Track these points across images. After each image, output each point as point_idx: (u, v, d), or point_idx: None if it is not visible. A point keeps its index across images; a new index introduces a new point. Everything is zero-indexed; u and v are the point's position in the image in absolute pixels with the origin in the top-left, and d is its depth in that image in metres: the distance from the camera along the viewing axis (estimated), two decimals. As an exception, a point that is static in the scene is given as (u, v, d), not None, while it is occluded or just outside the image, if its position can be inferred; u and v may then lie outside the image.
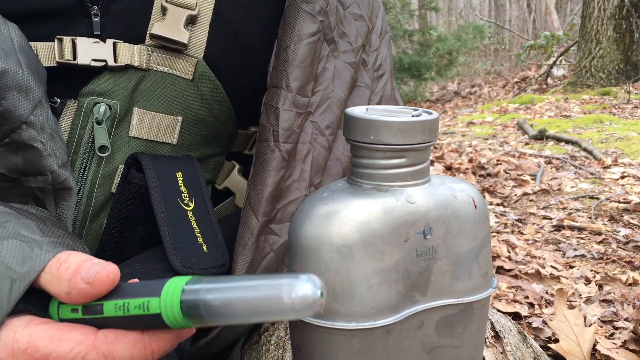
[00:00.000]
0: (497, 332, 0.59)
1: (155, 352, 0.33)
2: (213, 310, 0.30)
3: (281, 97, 0.57)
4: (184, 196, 0.57)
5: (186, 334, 0.34)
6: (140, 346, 0.32)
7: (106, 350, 0.32)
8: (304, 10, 0.58)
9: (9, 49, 0.47)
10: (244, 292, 0.29)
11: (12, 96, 0.46)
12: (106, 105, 0.56)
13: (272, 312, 0.28)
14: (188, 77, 0.59)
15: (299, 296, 0.28)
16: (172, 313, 0.31)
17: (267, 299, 0.28)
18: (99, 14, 0.56)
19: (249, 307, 0.29)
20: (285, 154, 0.58)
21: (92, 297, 0.33)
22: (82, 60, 0.55)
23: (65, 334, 0.32)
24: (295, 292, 0.28)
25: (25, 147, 0.47)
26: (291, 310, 0.28)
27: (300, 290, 0.28)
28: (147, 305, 0.31)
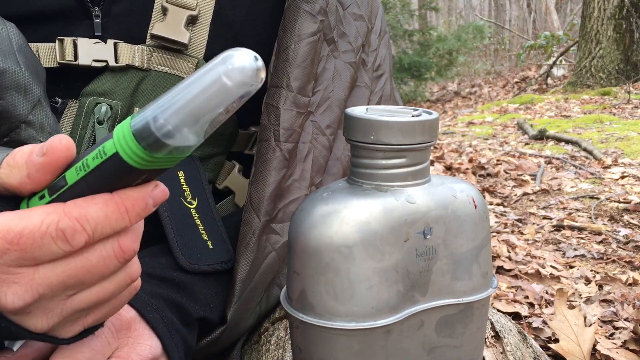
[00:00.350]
0: (497, 332, 0.59)
1: (130, 210, 0.32)
2: (164, 125, 0.28)
3: (282, 97, 0.58)
4: (186, 194, 0.57)
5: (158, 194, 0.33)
6: (112, 205, 0.32)
7: (78, 214, 0.31)
8: (304, 10, 0.58)
9: (8, 49, 0.47)
10: (185, 92, 0.28)
11: (10, 96, 0.46)
12: (107, 106, 0.56)
13: (220, 98, 0.27)
14: None
15: (237, 68, 0.27)
16: (127, 145, 0.29)
17: (208, 88, 0.27)
18: (100, 15, 0.56)
19: (197, 104, 0.27)
20: (286, 154, 0.58)
21: (52, 170, 0.32)
22: (83, 61, 0.55)
23: (34, 210, 0.32)
24: (232, 65, 0.27)
25: None
26: (237, 87, 0.27)
27: (235, 62, 0.27)
28: (103, 150, 0.30)
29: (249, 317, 0.61)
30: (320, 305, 0.39)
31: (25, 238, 0.31)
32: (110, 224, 0.32)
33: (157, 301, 0.50)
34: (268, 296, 0.63)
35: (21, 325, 0.33)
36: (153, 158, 0.29)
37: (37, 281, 0.32)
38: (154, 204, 0.33)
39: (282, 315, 0.64)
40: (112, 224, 0.32)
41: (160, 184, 0.34)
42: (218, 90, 0.27)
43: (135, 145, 0.29)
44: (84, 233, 0.31)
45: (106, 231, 0.32)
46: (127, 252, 0.34)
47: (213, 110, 0.28)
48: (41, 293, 0.32)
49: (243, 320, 0.60)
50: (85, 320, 0.37)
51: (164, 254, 0.55)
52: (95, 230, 0.32)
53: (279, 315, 0.64)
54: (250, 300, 0.59)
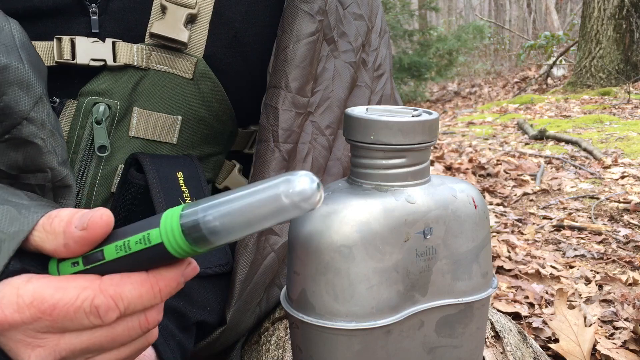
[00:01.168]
0: (497, 332, 0.59)
1: (163, 290, 0.33)
2: (214, 227, 0.29)
3: (280, 97, 0.57)
4: (185, 196, 0.57)
5: (190, 272, 0.34)
6: (147, 285, 0.32)
7: (113, 292, 0.32)
8: (302, 10, 0.58)
9: (11, 45, 0.46)
10: (241, 201, 0.29)
11: (13, 92, 0.46)
12: (105, 105, 0.56)
13: (274, 214, 0.28)
14: (188, 76, 0.59)
15: (297, 191, 0.28)
16: (174, 239, 0.30)
17: (266, 202, 0.28)
18: (97, 12, 0.56)
19: (250, 215, 0.28)
20: (285, 154, 0.58)
21: (90, 244, 0.33)
22: (81, 60, 0.55)
23: (70, 282, 0.32)
24: (292, 188, 0.28)
25: (25, 144, 0.47)
26: (293, 207, 0.28)
27: (297, 185, 0.28)
28: (147, 237, 0.31)
29: (248, 317, 0.61)
30: (320, 305, 0.39)
31: (58, 310, 0.31)
32: (142, 302, 0.33)
33: None
34: (268, 296, 0.63)
35: None
36: (195, 251, 0.31)
37: (62, 346, 0.33)
38: (184, 281, 0.34)
39: (282, 315, 0.64)
40: (144, 302, 0.33)
41: (193, 262, 0.35)
42: (274, 207, 0.28)
43: (182, 240, 0.30)
44: (116, 310, 0.32)
45: (137, 308, 0.33)
46: (152, 323, 0.35)
47: (263, 223, 0.29)
48: (63, 356, 0.33)
49: (243, 320, 0.60)
50: None
51: None
52: (127, 308, 0.33)
53: (279, 315, 0.64)
54: (250, 301, 0.59)
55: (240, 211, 0.29)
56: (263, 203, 0.28)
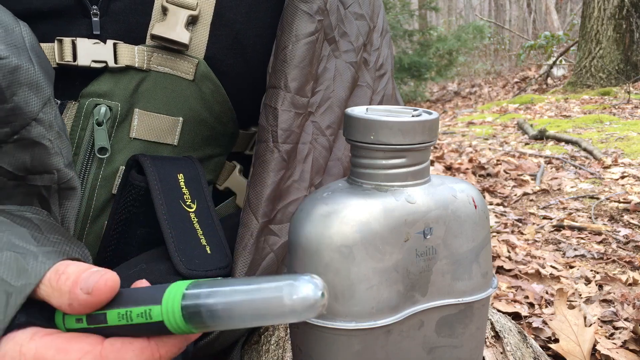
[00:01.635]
0: (497, 332, 0.59)
1: (163, 356, 0.33)
2: (215, 315, 0.29)
3: (280, 98, 0.57)
4: (185, 198, 0.57)
5: (193, 337, 0.34)
6: (147, 353, 0.32)
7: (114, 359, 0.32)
8: (301, 10, 0.58)
9: (21, 46, 0.47)
10: (244, 295, 0.29)
11: (23, 92, 0.46)
12: (107, 107, 0.56)
13: (273, 314, 0.28)
14: (189, 77, 0.59)
15: (300, 297, 0.27)
16: (174, 320, 0.31)
17: (268, 302, 0.28)
18: (99, 13, 0.56)
19: (251, 311, 0.29)
20: (285, 155, 0.58)
21: (93, 307, 0.33)
22: (82, 62, 0.55)
23: (72, 344, 0.32)
24: (296, 294, 0.27)
25: (33, 145, 0.47)
26: (292, 313, 0.28)
27: (301, 291, 0.27)
28: (149, 313, 0.31)
29: None
30: (320, 305, 0.39)
31: None
32: None
33: None
34: (268, 297, 0.63)
35: None
36: (192, 331, 0.31)
37: None
38: (186, 345, 0.34)
39: (282, 315, 0.64)
40: None
41: None
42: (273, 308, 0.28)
43: (182, 323, 0.31)
44: None
45: None
46: None
47: (259, 320, 0.29)
48: None
49: None
50: None
51: (163, 260, 0.55)
52: None
53: (279, 315, 0.64)
54: None
55: (242, 305, 0.29)
56: (264, 301, 0.28)
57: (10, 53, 0.46)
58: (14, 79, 0.45)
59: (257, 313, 0.29)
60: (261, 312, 0.28)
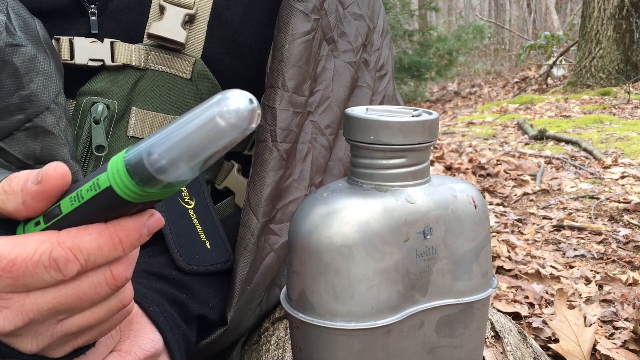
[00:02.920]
0: (497, 332, 0.59)
1: (124, 241, 0.32)
2: (157, 161, 0.28)
3: (277, 97, 0.58)
4: (183, 195, 0.57)
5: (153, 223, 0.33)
6: (105, 235, 0.32)
7: (71, 244, 0.31)
8: (297, 9, 0.58)
9: (38, 39, 0.49)
10: (180, 131, 0.28)
11: (39, 80, 0.48)
12: (104, 105, 0.56)
13: (215, 139, 0.27)
14: (186, 76, 0.59)
15: (232, 110, 0.27)
16: (120, 180, 0.29)
17: (204, 129, 0.27)
18: (96, 12, 0.56)
19: (192, 144, 0.27)
20: (284, 154, 0.58)
21: (47, 199, 0.32)
22: (79, 60, 0.55)
23: (28, 237, 0.32)
24: (226, 107, 0.27)
25: (44, 133, 0.49)
26: (230, 129, 0.27)
27: (230, 104, 0.27)
28: (97, 183, 0.30)
29: (249, 317, 0.61)
30: (320, 305, 0.39)
31: (17, 266, 0.31)
32: (103, 254, 0.32)
33: (156, 296, 0.50)
34: (268, 297, 0.63)
35: (12, 346, 0.34)
36: (146, 192, 0.30)
37: (28, 307, 0.32)
38: (148, 233, 0.33)
39: (282, 315, 0.64)
40: (105, 254, 0.32)
41: (156, 213, 0.34)
42: (212, 131, 0.27)
43: (128, 180, 0.29)
44: (76, 263, 0.31)
45: (99, 261, 0.32)
46: (119, 279, 0.34)
47: (206, 149, 0.28)
48: (32, 318, 0.33)
49: (243, 321, 0.60)
50: (76, 342, 0.37)
51: (162, 254, 0.55)
52: (88, 260, 0.32)
53: (279, 315, 0.64)
54: (251, 301, 0.59)
55: (180, 141, 0.28)
56: (200, 128, 0.27)
57: (29, 42, 0.48)
58: (31, 67, 0.48)
59: (199, 144, 0.27)
60: (202, 141, 0.27)
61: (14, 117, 0.47)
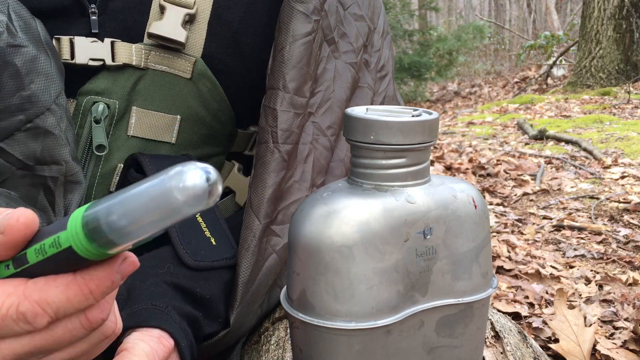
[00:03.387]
0: (497, 332, 0.59)
1: (94, 291, 0.31)
2: (114, 226, 0.27)
3: (278, 99, 0.58)
4: None
5: (127, 267, 0.32)
6: (73, 287, 0.31)
7: (38, 297, 0.30)
8: (297, 11, 0.58)
9: (39, 39, 0.49)
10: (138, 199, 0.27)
11: (40, 81, 0.48)
12: (104, 105, 0.56)
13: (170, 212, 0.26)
14: (186, 76, 0.59)
15: (188, 187, 0.26)
16: (79, 242, 0.28)
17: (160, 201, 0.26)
18: (97, 12, 0.56)
19: (148, 214, 0.27)
20: (285, 155, 0.58)
21: (12, 248, 0.32)
22: (80, 60, 0.55)
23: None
24: (184, 185, 0.26)
25: (45, 134, 0.49)
26: (186, 206, 0.26)
27: (187, 181, 0.26)
28: (58, 241, 0.29)
29: (251, 319, 0.61)
30: (320, 305, 0.39)
31: None
32: (73, 306, 0.31)
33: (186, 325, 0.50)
34: (269, 297, 0.63)
35: None
36: (107, 253, 0.29)
37: (4, 352, 0.32)
38: (122, 278, 0.32)
39: (282, 315, 0.64)
40: (75, 305, 0.31)
41: (130, 256, 0.33)
42: (168, 207, 0.26)
43: (87, 243, 0.28)
44: (45, 316, 0.31)
45: (70, 311, 0.31)
46: (94, 323, 0.33)
47: (163, 221, 0.27)
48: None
49: (245, 322, 0.60)
50: None
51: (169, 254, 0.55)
52: (57, 312, 0.31)
53: (279, 315, 0.64)
54: (253, 303, 0.59)
55: (138, 209, 0.27)
56: (158, 201, 0.27)
57: (30, 43, 0.48)
58: (32, 68, 0.48)
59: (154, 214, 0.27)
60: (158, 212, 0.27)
61: (14, 117, 0.48)
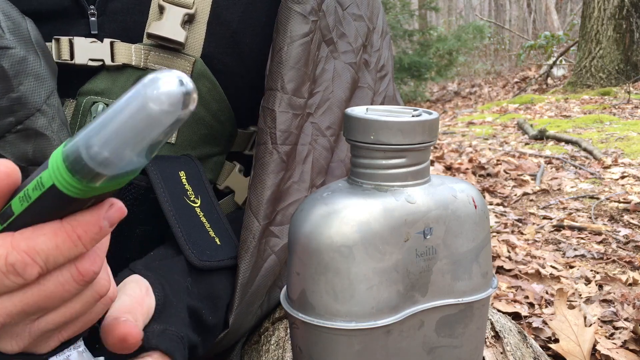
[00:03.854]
0: (497, 332, 0.59)
1: (83, 237, 0.31)
2: (95, 154, 0.26)
3: (277, 99, 0.58)
4: (189, 194, 0.57)
5: (114, 213, 0.31)
6: (61, 234, 0.30)
7: (26, 247, 0.30)
8: (295, 11, 0.58)
9: (28, 39, 0.49)
10: (114, 120, 0.25)
11: (29, 82, 0.48)
12: (104, 105, 0.56)
13: (150, 125, 0.25)
14: None
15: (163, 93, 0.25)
16: (62, 177, 0.27)
17: (137, 116, 0.25)
18: (96, 13, 0.56)
19: (128, 132, 0.25)
20: (284, 156, 0.58)
21: None
22: (79, 60, 0.55)
23: None
24: (157, 91, 0.25)
25: (36, 135, 0.48)
26: (167, 113, 0.25)
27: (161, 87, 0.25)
28: (41, 182, 0.28)
29: (250, 319, 0.61)
30: (320, 305, 0.39)
31: None
32: (62, 254, 0.31)
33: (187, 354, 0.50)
34: (269, 298, 0.63)
35: None
36: (91, 187, 0.28)
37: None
38: (110, 225, 0.32)
39: (282, 315, 0.64)
40: (65, 253, 0.31)
41: (116, 203, 0.32)
42: (146, 117, 0.25)
43: (69, 177, 0.27)
44: (35, 266, 0.30)
45: (60, 260, 0.31)
46: (87, 275, 0.33)
47: (144, 137, 0.26)
48: (2, 322, 0.32)
49: (245, 323, 0.60)
50: (60, 335, 0.36)
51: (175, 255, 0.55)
52: (47, 261, 0.30)
53: (279, 315, 0.64)
54: (252, 304, 0.60)
55: (115, 130, 0.25)
56: (133, 115, 0.25)
57: (18, 44, 0.48)
58: (21, 69, 0.47)
59: (136, 131, 0.25)
60: (139, 129, 0.25)
61: (4, 119, 0.47)
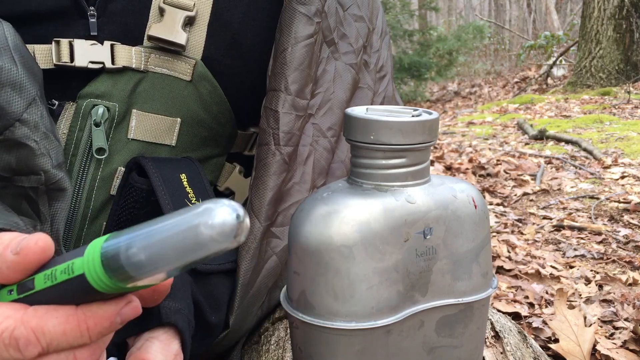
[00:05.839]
0: (497, 332, 0.59)
1: (92, 329, 0.30)
2: (134, 259, 0.27)
3: (280, 100, 0.57)
4: (190, 196, 0.57)
5: (129, 311, 0.31)
6: (72, 321, 0.30)
7: (35, 325, 0.30)
8: (300, 12, 0.58)
9: (3, 47, 0.47)
10: (162, 231, 0.27)
11: (5, 93, 0.46)
12: (104, 107, 0.56)
13: (195, 248, 0.26)
14: (186, 78, 0.59)
15: (217, 224, 0.25)
16: (94, 270, 0.28)
17: (186, 238, 0.26)
18: (96, 14, 0.56)
19: (171, 249, 0.26)
20: (286, 157, 0.58)
21: (23, 270, 0.31)
22: (79, 63, 0.55)
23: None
24: (212, 221, 0.25)
25: (18, 145, 0.47)
26: (212, 242, 0.26)
27: (216, 218, 0.25)
28: (71, 267, 0.29)
29: (250, 320, 0.61)
30: (320, 306, 0.39)
31: None
32: (67, 340, 0.30)
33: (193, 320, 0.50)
34: (270, 298, 0.63)
35: None
36: (119, 287, 0.29)
37: None
38: (121, 322, 0.32)
39: (282, 315, 0.64)
40: (70, 340, 0.31)
41: (134, 300, 0.32)
42: (194, 242, 0.26)
43: (102, 272, 0.28)
44: (37, 345, 0.30)
45: (62, 346, 0.31)
46: None
47: (185, 258, 0.27)
48: None
49: (245, 323, 0.60)
50: None
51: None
52: (50, 344, 0.30)
53: (279, 315, 0.64)
54: (252, 305, 0.60)
55: (161, 243, 0.26)
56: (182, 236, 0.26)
57: None
58: None
59: (178, 250, 0.26)
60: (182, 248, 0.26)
61: None
